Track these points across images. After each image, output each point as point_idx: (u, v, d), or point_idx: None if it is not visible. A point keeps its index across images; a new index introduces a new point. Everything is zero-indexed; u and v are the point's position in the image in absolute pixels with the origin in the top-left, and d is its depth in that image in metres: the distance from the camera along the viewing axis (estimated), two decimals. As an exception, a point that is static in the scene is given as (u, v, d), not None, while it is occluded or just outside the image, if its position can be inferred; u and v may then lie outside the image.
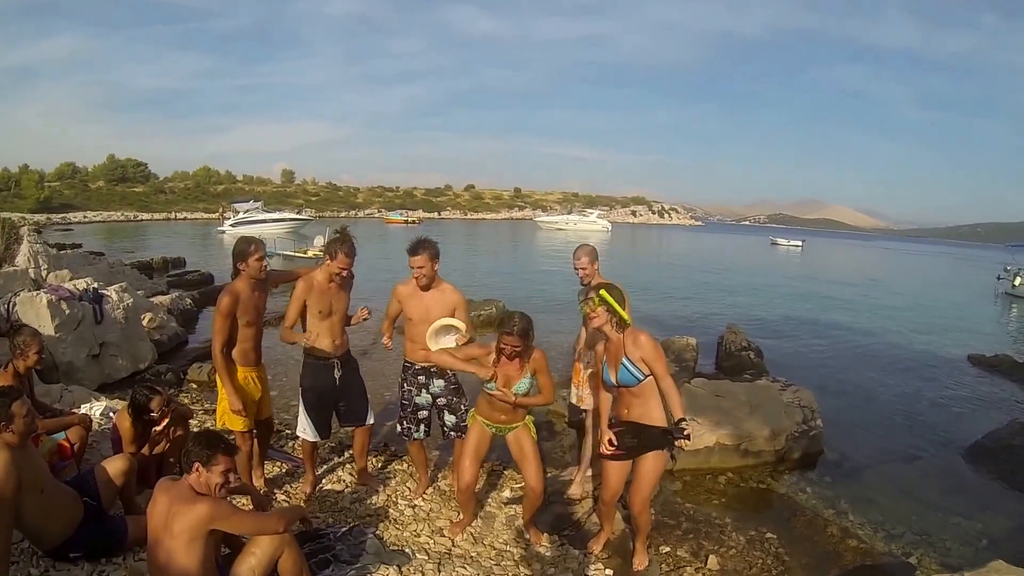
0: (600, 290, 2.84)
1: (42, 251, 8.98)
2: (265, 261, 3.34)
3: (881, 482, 4.94)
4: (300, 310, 3.37)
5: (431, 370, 3.46)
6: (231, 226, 33.48)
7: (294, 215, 38.93)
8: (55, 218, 48.18)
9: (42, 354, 3.37)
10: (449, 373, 3.50)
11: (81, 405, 4.55)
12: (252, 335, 3.35)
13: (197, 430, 3.63)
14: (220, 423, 3.42)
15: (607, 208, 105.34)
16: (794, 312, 14.61)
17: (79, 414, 3.62)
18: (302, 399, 3.51)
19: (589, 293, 2.89)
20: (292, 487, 3.77)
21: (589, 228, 57.50)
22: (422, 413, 3.54)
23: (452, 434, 3.53)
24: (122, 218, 55.73)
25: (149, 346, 6.86)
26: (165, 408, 3.24)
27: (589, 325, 2.98)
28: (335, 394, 3.53)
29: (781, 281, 23.22)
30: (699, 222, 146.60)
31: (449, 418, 3.51)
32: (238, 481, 2.34)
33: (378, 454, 4.42)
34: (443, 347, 3.10)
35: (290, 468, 4.03)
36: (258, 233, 15.37)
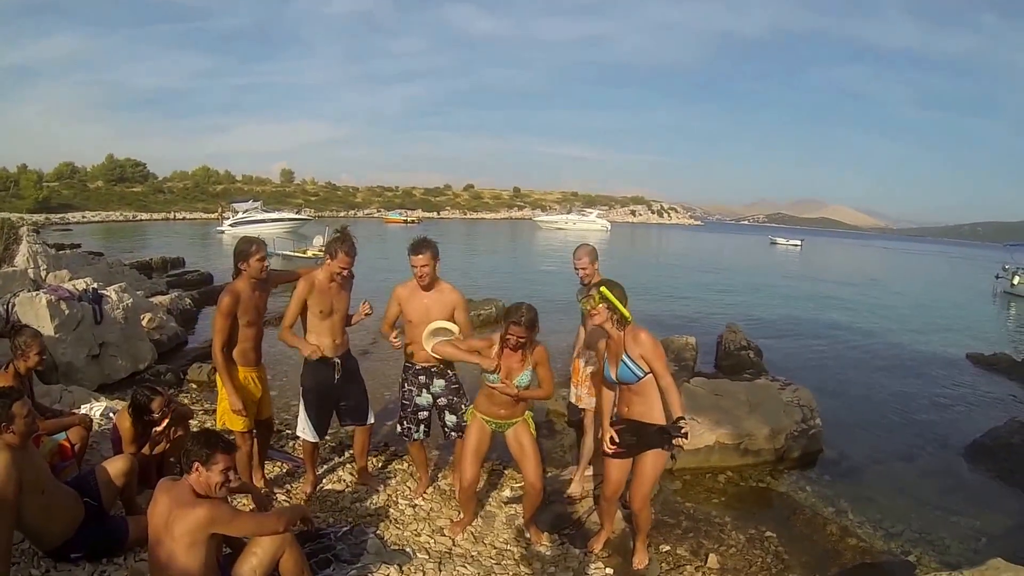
0: (601, 287, 2.83)
1: (41, 251, 8.97)
2: (266, 261, 3.35)
3: (880, 480, 4.94)
4: (300, 310, 3.37)
5: (432, 370, 3.47)
6: (230, 226, 33.45)
7: (293, 215, 38.99)
8: (54, 218, 48.07)
9: (43, 355, 3.36)
10: (450, 373, 3.52)
11: (81, 406, 4.54)
12: (252, 335, 3.35)
13: (196, 430, 3.64)
14: (220, 423, 3.42)
15: (607, 208, 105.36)
16: (793, 311, 14.61)
17: (79, 414, 3.62)
18: (302, 399, 3.51)
19: (590, 290, 2.89)
20: (292, 487, 3.77)
21: (588, 228, 57.51)
22: (423, 413, 3.55)
23: (453, 434, 3.53)
24: (121, 218, 55.63)
25: (149, 346, 6.86)
26: (166, 409, 3.23)
27: (589, 322, 2.97)
28: (335, 394, 3.53)
29: (780, 281, 23.23)
30: (698, 222, 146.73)
31: (450, 418, 3.52)
32: (238, 480, 2.34)
33: (378, 454, 4.42)
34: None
35: (291, 468, 4.04)
36: (257, 233, 15.37)
